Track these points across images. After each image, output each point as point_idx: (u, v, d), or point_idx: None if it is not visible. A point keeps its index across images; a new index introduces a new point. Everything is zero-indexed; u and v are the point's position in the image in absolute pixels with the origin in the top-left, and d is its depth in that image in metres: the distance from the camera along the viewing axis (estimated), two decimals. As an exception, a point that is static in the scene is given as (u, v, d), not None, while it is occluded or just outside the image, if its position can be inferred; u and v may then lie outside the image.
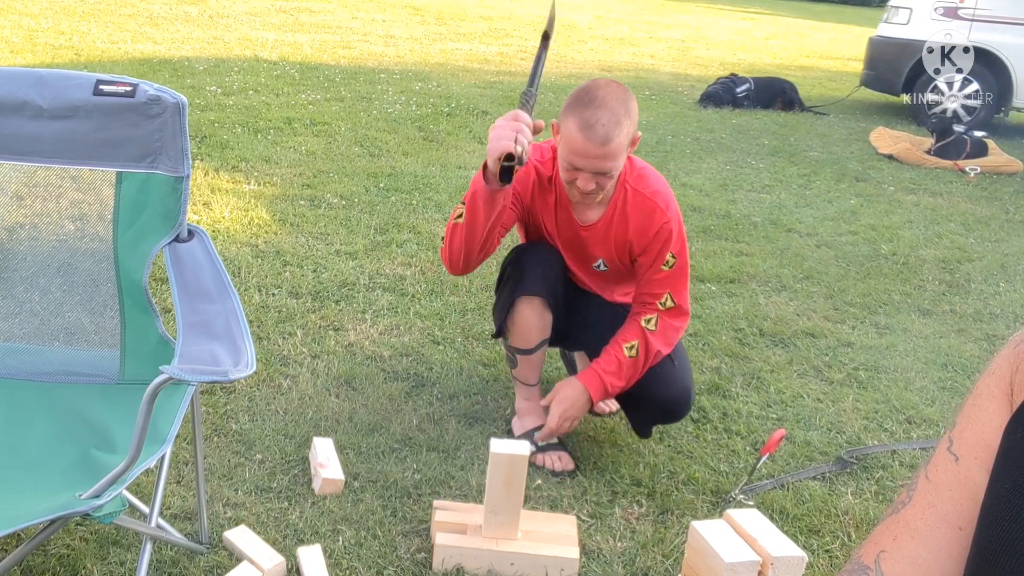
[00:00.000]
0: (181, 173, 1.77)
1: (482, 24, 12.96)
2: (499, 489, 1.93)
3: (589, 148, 2.03)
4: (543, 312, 2.32)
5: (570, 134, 2.06)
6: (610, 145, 2.03)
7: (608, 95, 2.05)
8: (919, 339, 3.41)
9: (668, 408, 2.33)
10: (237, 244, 3.67)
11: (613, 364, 2.25)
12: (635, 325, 2.27)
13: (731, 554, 1.79)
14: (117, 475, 1.40)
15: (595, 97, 2.04)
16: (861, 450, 2.56)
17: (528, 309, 2.30)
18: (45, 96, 1.73)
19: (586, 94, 2.06)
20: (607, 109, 2.03)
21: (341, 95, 7.02)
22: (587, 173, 2.08)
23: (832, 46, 15.31)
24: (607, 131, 2.02)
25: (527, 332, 2.34)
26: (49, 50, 7.69)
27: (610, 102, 2.04)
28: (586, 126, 2.02)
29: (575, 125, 2.04)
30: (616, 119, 2.03)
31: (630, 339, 2.26)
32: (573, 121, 2.04)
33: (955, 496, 0.73)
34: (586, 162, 2.06)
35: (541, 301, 2.30)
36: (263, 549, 1.89)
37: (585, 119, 2.02)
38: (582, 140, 2.03)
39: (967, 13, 7.66)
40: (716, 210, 4.85)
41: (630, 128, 2.07)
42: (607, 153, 2.04)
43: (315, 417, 2.47)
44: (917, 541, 0.73)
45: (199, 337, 1.52)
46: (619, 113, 2.04)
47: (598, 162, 2.05)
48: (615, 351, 2.27)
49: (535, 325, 2.33)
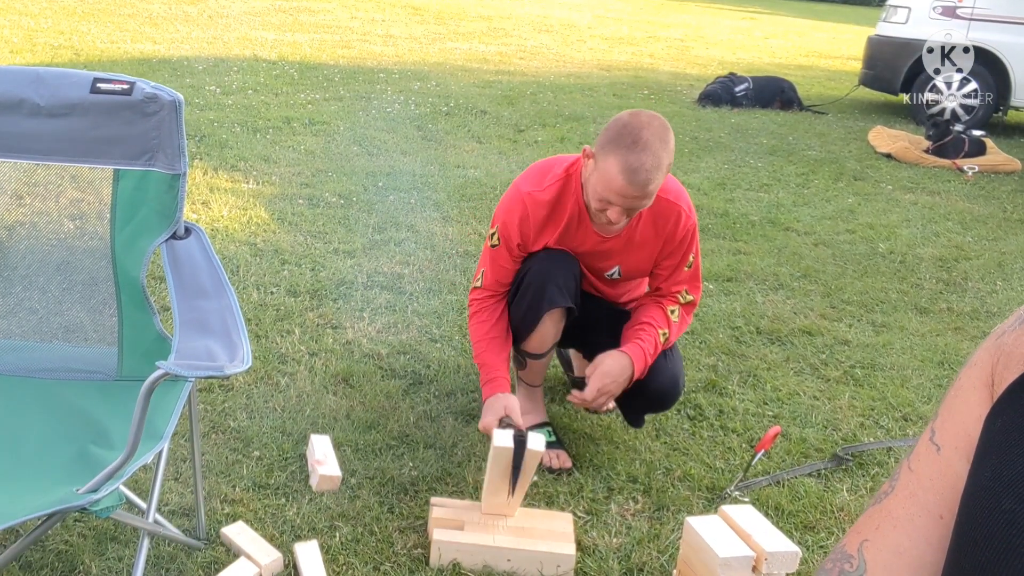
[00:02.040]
0: (178, 170, 1.78)
1: (481, 24, 12.97)
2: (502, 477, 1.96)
3: (629, 191, 2.01)
4: (560, 321, 2.31)
5: (610, 173, 2.02)
6: (650, 188, 2.02)
7: (652, 137, 2.01)
8: (916, 337, 3.41)
9: (660, 396, 2.35)
10: (236, 243, 3.68)
11: (652, 345, 2.28)
12: (663, 314, 2.31)
13: (725, 549, 1.80)
14: (114, 470, 1.41)
15: (639, 139, 2.00)
16: (857, 447, 2.57)
17: (549, 321, 2.28)
18: (43, 94, 1.74)
19: (629, 134, 2.01)
20: (651, 153, 1.99)
21: (340, 94, 7.03)
22: (619, 208, 2.07)
23: (831, 45, 15.32)
24: (649, 176, 1.99)
25: (544, 341, 2.33)
26: (48, 50, 7.70)
27: (654, 145, 2.00)
28: (629, 170, 1.99)
29: (616, 167, 2.00)
30: (658, 163, 2.01)
31: (663, 326, 2.30)
32: (615, 162, 2.01)
33: (936, 486, 0.74)
34: (623, 201, 2.04)
35: (562, 312, 2.29)
36: (260, 545, 1.90)
37: (628, 163, 1.99)
38: (623, 183, 2.00)
39: (965, 12, 7.66)
40: (714, 209, 4.86)
41: (669, 166, 2.06)
42: (646, 195, 2.04)
43: (313, 414, 2.48)
44: (899, 530, 0.74)
45: (195, 333, 1.52)
46: (661, 157, 2.01)
47: (635, 202, 2.05)
48: (654, 335, 2.29)
49: (551, 334, 2.32)
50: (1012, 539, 0.62)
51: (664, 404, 2.40)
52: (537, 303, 2.24)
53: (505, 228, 2.25)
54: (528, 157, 5.62)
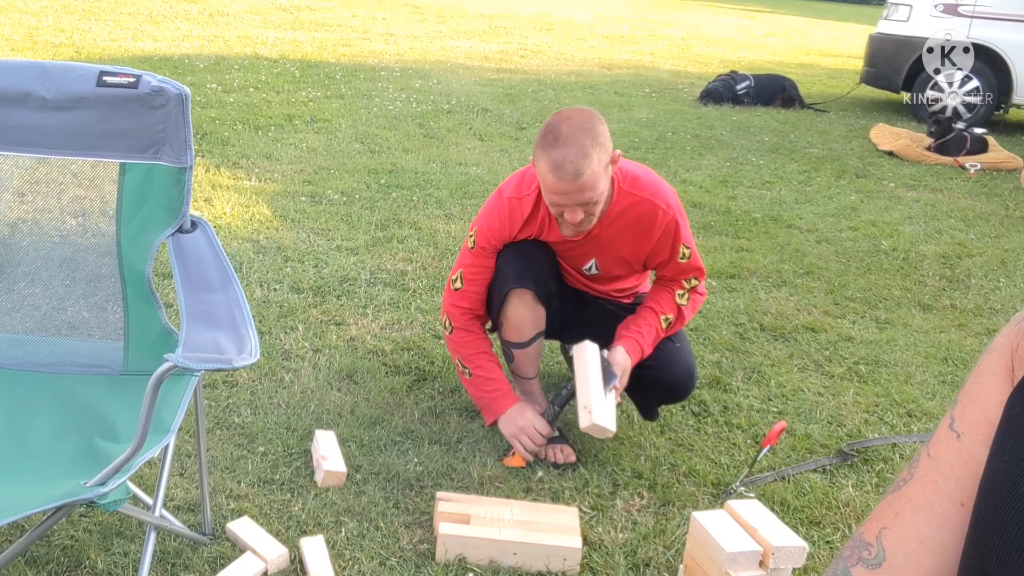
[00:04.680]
0: (184, 164, 1.78)
1: (482, 22, 12.96)
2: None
3: (563, 186, 2.03)
4: (535, 306, 2.32)
5: (543, 175, 2.06)
6: (582, 179, 2.02)
7: (572, 129, 2.03)
8: (919, 334, 3.41)
9: (676, 387, 2.39)
10: (239, 240, 3.67)
11: (652, 334, 2.31)
12: (669, 297, 2.35)
13: (732, 544, 1.80)
14: (121, 463, 1.41)
15: (559, 135, 2.02)
16: (862, 443, 2.57)
17: (519, 303, 2.31)
18: (49, 87, 1.74)
19: (550, 132, 2.05)
20: (572, 144, 2.01)
21: (341, 92, 7.03)
22: (570, 207, 2.08)
23: (832, 43, 15.31)
24: (576, 167, 2.01)
25: (520, 326, 2.35)
26: (49, 48, 7.69)
27: (574, 136, 2.02)
28: (555, 166, 2.01)
29: (545, 167, 2.04)
30: (583, 152, 2.01)
31: (667, 311, 2.34)
32: (543, 163, 2.04)
33: (956, 472, 0.73)
34: (565, 199, 2.06)
35: (531, 295, 2.30)
36: (266, 540, 1.90)
37: (553, 159, 2.02)
38: (554, 180, 2.03)
39: (967, 10, 7.66)
40: (716, 206, 4.86)
41: (601, 154, 2.05)
42: (583, 186, 2.04)
43: (317, 410, 2.48)
44: (919, 517, 0.74)
45: (203, 326, 1.52)
46: (585, 145, 2.02)
47: (577, 196, 2.05)
48: (654, 321, 2.32)
49: (527, 319, 2.34)
50: None
51: (680, 395, 2.43)
52: (503, 282, 2.30)
53: (483, 232, 2.32)
54: (529, 154, 5.60)
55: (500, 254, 2.33)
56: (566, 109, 2.12)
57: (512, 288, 2.29)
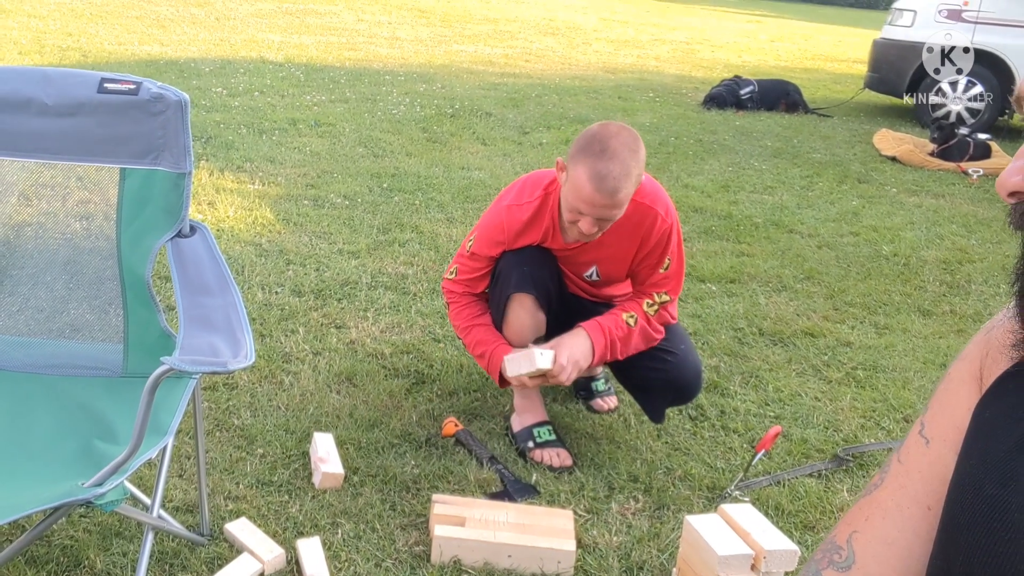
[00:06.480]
0: (183, 169, 1.80)
1: (487, 26, 13.00)
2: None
3: (597, 199, 2.04)
4: (535, 311, 2.34)
5: (579, 182, 2.06)
6: (618, 196, 2.05)
7: (620, 145, 2.05)
8: (918, 339, 3.42)
9: (685, 388, 2.41)
10: (241, 243, 3.70)
11: (614, 320, 2.32)
12: (636, 304, 2.36)
13: (724, 547, 1.81)
14: (119, 464, 1.43)
15: (607, 147, 2.04)
16: (858, 448, 2.58)
17: (520, 308, 2.32)
18: (50, 93, 1.76)
19: (597, 143, 2.05)
20: (619, 161, 2.03)
21: (346, 96, 7.06)
22: (591, 218, 2.10)
23: (836, 48, 15.31)
24: (617, 183, 2.03)
25: (520, 331, 2.36)
26: (56, 51, 7.75)
27: (622, 153, 2.04)
28: (597, 177, 2.02)
29: (585, 175, 2.04)
30: (627, 171, 2.04)
31: (630, 310, 2.35)
32: (584, 170, 2.04)
33: (925, 477, 0.75)
34: (592, 210, 2.08)
35: (532, 300, 2.31)
36: (263, 541, 1.92)
37: (597, 170, 2.03)
38: (591, 190, 2.04)
39: (971, 16, 7.66)
40: (718, 211, 4.87)
41: (639, 177, 2.09)
42: (615, 203, 2.06)
43: (316, 413, 2.50)
44: (888, 521, 0.75)
45: (199, 330, 1.54)
46: (630, 164, 2.04)
47: (606, 211, 2.08)
48: (616, 313, 2.34)
49: (528, 324, 2.35)
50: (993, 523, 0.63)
51: (689, 396, 2.46)
52: (504, 287, 2.32)
53: (480, 239, 2.34)
54: (533, 159, 5.64)
55: (502, 259, 2.34)
56: (613, 123, 2.13)
57: (513, 293, 2.31)
